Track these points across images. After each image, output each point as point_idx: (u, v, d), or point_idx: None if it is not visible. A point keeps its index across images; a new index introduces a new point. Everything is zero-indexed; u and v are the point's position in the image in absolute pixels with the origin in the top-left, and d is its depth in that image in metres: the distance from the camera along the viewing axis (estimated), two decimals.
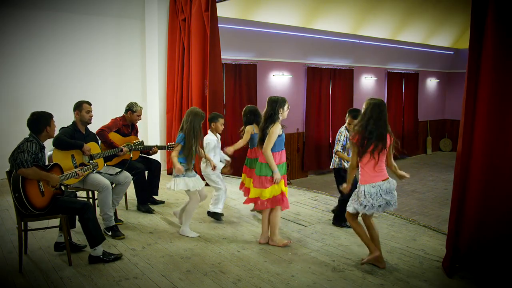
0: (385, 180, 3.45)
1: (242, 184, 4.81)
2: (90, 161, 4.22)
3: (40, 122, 3.53)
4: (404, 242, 4.13)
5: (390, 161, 3.55)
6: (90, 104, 4.33)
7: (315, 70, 10.70)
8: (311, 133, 10.78)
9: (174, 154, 4.11)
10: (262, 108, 4.08)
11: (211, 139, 4.66)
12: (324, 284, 3.30)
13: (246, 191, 4.60)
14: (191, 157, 4.17)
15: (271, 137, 3.81)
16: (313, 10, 10.13)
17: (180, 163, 4.11)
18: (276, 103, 3.87)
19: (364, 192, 3.43)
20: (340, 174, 4.62)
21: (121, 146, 4.63)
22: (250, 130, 4.59)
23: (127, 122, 5.07)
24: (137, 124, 5.26)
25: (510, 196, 3.10)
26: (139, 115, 5.07)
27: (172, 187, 4.17)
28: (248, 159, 4.70)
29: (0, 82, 6.39)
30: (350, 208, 3.55)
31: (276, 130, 3.82)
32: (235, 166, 5.22)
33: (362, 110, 3.51)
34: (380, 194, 3.41)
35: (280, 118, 3.91)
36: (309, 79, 10.61)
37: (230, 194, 5.71)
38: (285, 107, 3.92)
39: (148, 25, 7.45)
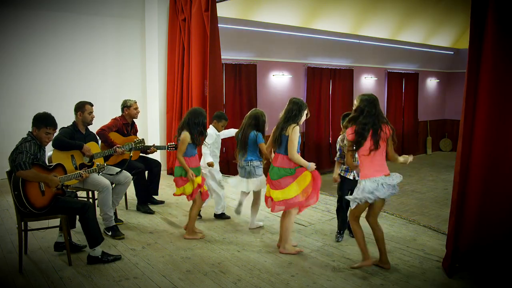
0: (387, 175, 3.38)
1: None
2: (94, 162, 4.21)
3: (48, 119, 3.48)
4: (404, 242, 4.13)
5: (392, 154, 3.41)
6: (92, 105, 4.35)
7: (315, 70, 10.69)
8: (311, 133, 10.77)
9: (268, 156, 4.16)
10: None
11: (213, 132, 4.66)
12: (324, 284, 3.30)
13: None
14: None
15: (294, 140, 3.68)
16: (313, 10, 10.13)
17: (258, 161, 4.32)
18: (301, 106, 3.75)
19: (364, 187, 3.35)
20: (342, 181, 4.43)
21: (116, 147, 4.57)
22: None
23: (127, 121, 5.07)
24: (136, 124, 5.27)
25: (510, 196, 3.10)
26: (136, 108, 5.07)
27: (254, 188, 4.34)
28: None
29: (0, 82, 6.39)
30: (352, 204, 3.46)
31: (297, 133, 3.70)
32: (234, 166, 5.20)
33: (354, 107, 3.46)
34: (383, 186, 3.32)
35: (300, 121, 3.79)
36: (309, 79, 10.60)
37: (230, 194, 5.71)
38: (305, 112, 3.80)
39: (148, 25, 7.45)
